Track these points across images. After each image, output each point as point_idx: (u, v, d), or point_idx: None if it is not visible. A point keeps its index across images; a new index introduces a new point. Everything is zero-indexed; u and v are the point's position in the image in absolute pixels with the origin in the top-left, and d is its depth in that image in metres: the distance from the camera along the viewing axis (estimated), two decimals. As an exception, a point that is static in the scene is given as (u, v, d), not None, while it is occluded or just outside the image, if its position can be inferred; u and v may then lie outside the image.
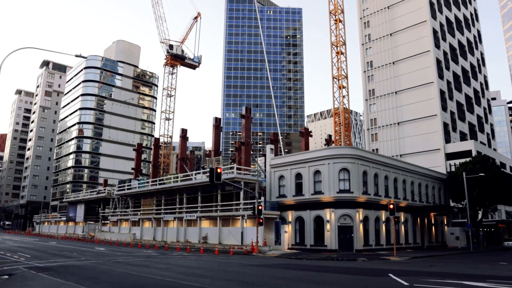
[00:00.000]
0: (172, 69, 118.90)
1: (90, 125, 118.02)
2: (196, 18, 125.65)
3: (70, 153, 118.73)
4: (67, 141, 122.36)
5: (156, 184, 61.49)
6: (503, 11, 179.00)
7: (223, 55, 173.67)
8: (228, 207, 49.23)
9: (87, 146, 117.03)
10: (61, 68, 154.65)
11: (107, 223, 74.40)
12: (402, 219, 49.50)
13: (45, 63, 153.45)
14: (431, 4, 79.31)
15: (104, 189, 76.99)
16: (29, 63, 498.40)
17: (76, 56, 22.46)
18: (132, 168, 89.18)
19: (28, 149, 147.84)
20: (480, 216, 58.27)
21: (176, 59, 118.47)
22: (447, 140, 71.86)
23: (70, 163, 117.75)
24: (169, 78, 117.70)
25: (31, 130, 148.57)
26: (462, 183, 51.50)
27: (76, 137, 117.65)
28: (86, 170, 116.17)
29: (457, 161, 65.44)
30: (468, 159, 57.47)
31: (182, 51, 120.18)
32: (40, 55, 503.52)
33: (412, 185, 52.97)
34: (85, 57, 22.82)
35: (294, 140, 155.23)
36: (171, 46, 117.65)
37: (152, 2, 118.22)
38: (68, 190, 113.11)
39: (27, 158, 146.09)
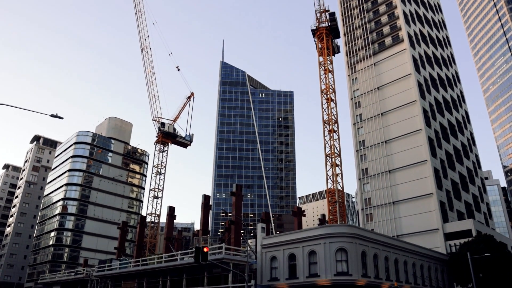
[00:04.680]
0: (163, 147, 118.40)
1: (75, 201, 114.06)
2: (189, 97, 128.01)
3: (52, 231, 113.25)
4: (50, 218, 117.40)
5: (138, 265, 57.15)
6: (486, 95, 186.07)
7: (215, 135, 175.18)
8: (215, 291, 44.98)
9: (70, 223, 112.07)
10: (52, 144, 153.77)
11: (83, 308, 68.19)
12: (405, 306, 45.42)
13: (36, 138, 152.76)
14: (419, 85, 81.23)
15: (83, 270, 71.69)
16: (20, 138, 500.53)
17: (52, 116, 20.87)
18: (115, 248, 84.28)
19: (9, 225, 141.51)
20: (488, 302, 54.04)
21: (167, 137, 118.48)
22: (445, 219, 69.35)
23: (51, 241, 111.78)
24: (159, 155, 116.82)
25: (14, 206, 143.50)
26: (466, 264, 48.24)
27: (59, 214, 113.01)
28: (66, 249, 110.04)
29: (457, 241, 62.40)
30: (469, 239, 54.69)
31: (174, 129, 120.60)
32: (32, 130, 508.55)
33: (414, 267, 49.48)
34: (61, 118, 21.25)
35: (286, 221, 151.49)
36: (163, 124, 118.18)
37: (146, 81, 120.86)
38: (46, 271, 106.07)
39: (6, 235, 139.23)
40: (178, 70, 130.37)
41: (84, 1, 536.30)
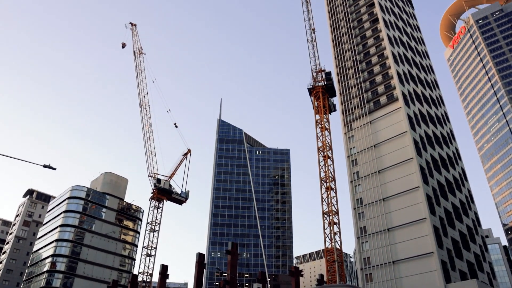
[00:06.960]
0: (158, 203, 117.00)
1: (64, 258, 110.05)
2: (186, 154, 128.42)
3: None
4: (37, 275, 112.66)
5: (127, 328, 54.18)
6: (481, 152, 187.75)
7: (211, 192, 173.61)
8: None
9: (58, 281, 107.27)
10: (46, 198, 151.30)
11: None
12: None
13: (29, 192, 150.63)
14: (416, 142, 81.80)
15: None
16: (14, 192, 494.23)
17: (44, 166, 20.46)
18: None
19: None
20: None
21: (163, 193, 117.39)
22: (447, 279, 67.01)
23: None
24: (154, 212, 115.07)
25: (1, 262, 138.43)
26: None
27: (47, 271, 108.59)
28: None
29: (462, 305, 59.97)
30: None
31: (170, 185, 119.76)
32: (26, 184, 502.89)
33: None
34: (54, 168, 20.86)
35: (282, 282, 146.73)
36: (158, 180, 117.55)
37: (143, 137, 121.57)
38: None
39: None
40: (176, 127, 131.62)
41: (81, 56, 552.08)
